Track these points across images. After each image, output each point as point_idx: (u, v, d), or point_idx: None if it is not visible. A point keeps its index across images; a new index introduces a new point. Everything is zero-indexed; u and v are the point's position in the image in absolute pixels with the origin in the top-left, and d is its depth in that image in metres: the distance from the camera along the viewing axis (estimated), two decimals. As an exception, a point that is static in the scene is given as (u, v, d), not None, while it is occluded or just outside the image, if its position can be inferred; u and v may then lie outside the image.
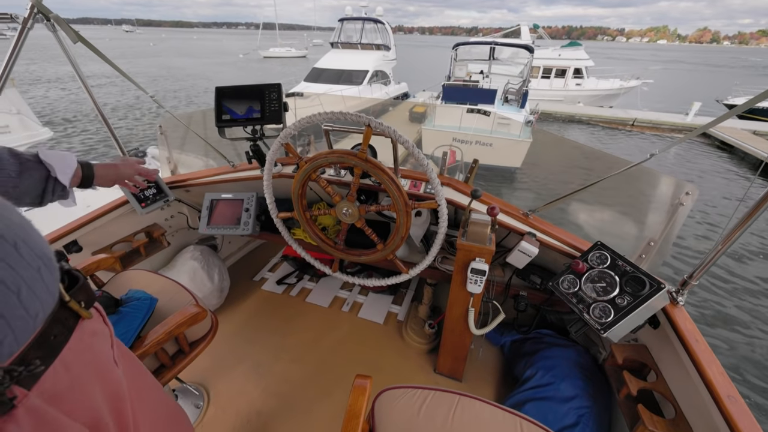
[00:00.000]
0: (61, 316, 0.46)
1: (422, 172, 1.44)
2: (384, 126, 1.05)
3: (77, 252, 1.45)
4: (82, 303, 0.50)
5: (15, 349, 0.38)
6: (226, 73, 26.19)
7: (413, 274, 1.34)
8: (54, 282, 0.45)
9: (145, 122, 11.64)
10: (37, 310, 0.41)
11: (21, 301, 0.39)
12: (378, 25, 14.34)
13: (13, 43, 1.11)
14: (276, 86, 1.39)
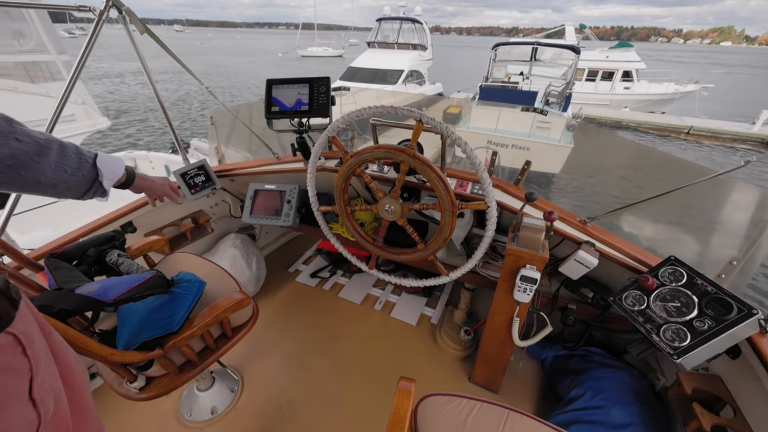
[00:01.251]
0: None
1: (468, 171, 1.39)
2: (436, 122, 1.01)
3: (132, 232, 1.52)
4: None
5: None
6: (266, 70, 27.06)
7: (453, 278, 1.29)
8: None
9: (190, 117, 12.27)
10: None
11: None
12: (416, 25, 14.28)
13: (90, 32, 1.21)
14: (324, 80, 1.39)
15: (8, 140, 0.65)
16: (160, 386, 0.95)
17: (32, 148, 0.68)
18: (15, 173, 0.66)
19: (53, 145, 0.71)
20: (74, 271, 0.94)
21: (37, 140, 0.69)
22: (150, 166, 4.90)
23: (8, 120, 0.67)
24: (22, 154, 0.66)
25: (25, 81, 3.93)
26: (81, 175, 0.77)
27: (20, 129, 0.68)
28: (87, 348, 0.70)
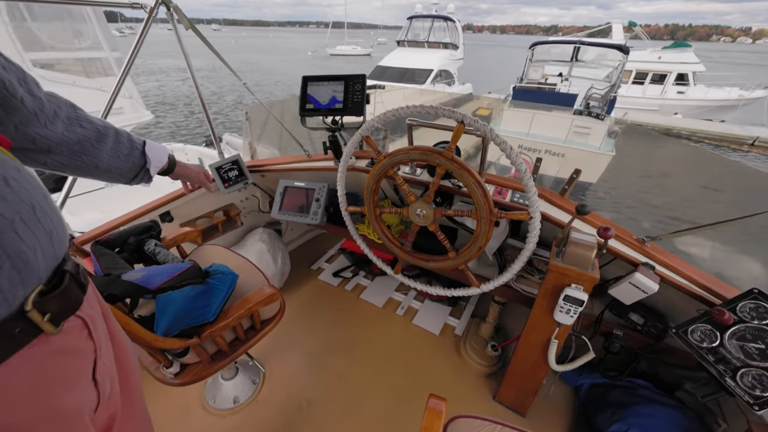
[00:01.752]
0: (11, 328, 0.36)
1: (506, 177, 1.31)
2: (479, 123, 0.95)
3: (169, 222, 1.56)
4: (49, 315, 0.40)
5: None
6: (295, 68, 27.62)
7: (485, 290, 1.22)
8: (19, 287, 0.37)
9: (222, 112, 12.72)
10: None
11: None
12: (447, 23, 14.03)
13: (141, 28, 1.27)
14: (360, 77, 1.35)
15: (74, 126, 0.68)
16: (193, 373, 0.98)
17: (93, 134, 0.71)
18: (78, 158, 0.70)
19: (110, 132, 0.75)
20: (117, 258, 0.99)
21: (97, 127, 0.72)
22: (185, 158, 5.10)
23: (73, 106, 0.70)
24: (85, 139, 0.70)
25: (82, 76, 4.19)
26: (132, 161, 0.80)
27: (83, 115, 0.71)
28: (134, 332, 0.73)
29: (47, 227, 0.41)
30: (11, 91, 0.53)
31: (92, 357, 0.47)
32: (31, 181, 0.42)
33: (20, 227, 0.37)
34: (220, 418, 1.34)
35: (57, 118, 0.64)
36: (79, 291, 0.47)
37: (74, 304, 0.45)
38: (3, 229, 0.35)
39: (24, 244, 0.37)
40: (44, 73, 3.82)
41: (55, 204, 0.45)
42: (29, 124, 0.59)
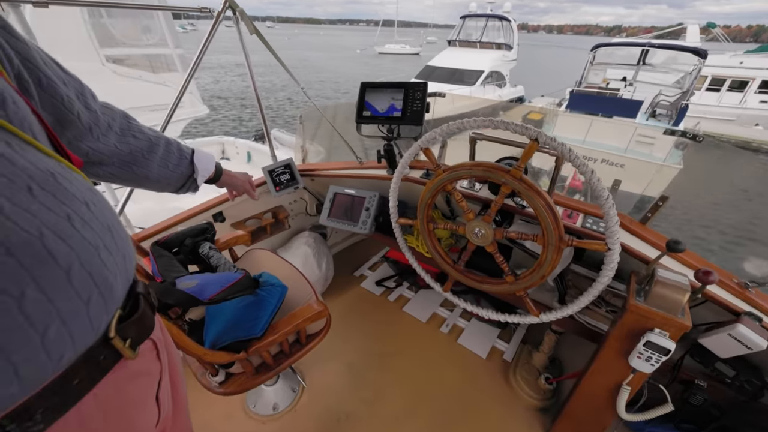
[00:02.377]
0: (96, 355, 0.36)
1: (575, 200, 1.20)
2: (557, 143, 0.86)
3: (221, 222, 1.61)
4: (129, 340, 0.40)
5: (17, 398, 0.29)
6: (343, 66, 28.13)
7: (544, 320, 1.12)
8: (105, 315, 0.36)
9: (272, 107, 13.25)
10: (64, 351, 0.32)
11: (44, 344, 0.29)
12: (502, 23, 13.53)
13: (208, 30, 1.31)
14: (421, 85, 1.29)
15: (126, 137, 0.67)
16: (237, 384, 0.98)
17: (145, 145, 0.71)
18: (129, 168, 0.70)
19: (161, 142, 0.75)
20: (173, 261, 1.01)
21: (149, 137, 0.72)
22: (235, 151, 5.34)
23: (127, 117, 0.70)
24: (137, 150, 0.69)
25: (148, 71, 4.50)
26: (180, 171, 0.80)
27: (136, 126, 0.71)
28: (185, 346, 0.73)
29: (122, 249, 0.41)
30: (68, 107, 0.53)
31: (158, 377, 0.48)
32: (104, 203, 0.41)
33: (104, 253, 0.36)
34: (260, 424, 1.35)
35: (110, 131, 0.64)
36: (152, 314, 0.47)
37: (149, 328, 0.46)
38: (91, 258, 0.34)
39: (107, 270, 0.36)
40: (115, 68, 4.10)
41: (122, 223, 0.45)
42: (83, 138, 0.58)
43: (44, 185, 0.32)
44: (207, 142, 5.35)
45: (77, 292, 0.32)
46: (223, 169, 0.97)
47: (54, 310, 0.30)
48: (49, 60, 0.51)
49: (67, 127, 0.54)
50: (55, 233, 0.31)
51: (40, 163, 0.33)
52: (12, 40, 0.43)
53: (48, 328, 0.29)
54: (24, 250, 0.28)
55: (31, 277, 0.28)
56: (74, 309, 0.32)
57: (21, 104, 0.35)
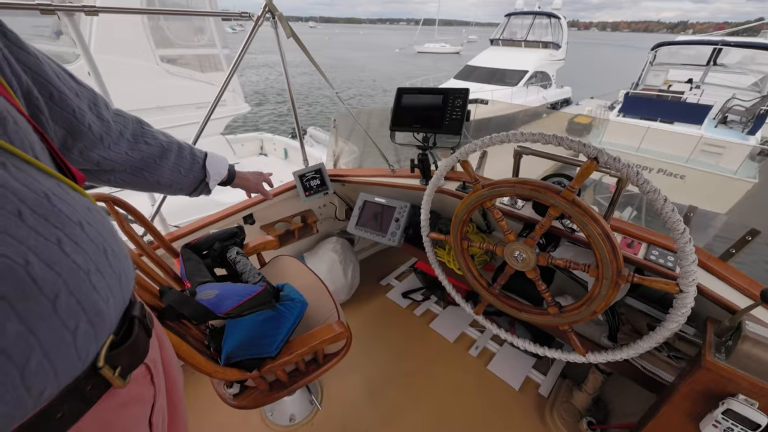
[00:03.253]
0: (82, 387, 0.34)
1: (642, 227, 1.04)
2: (622, 164, 0.73)
3: (251, 224, 1.61)
4: (120, 368, 0.38)
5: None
6: (381, 66, 28.20)
7: (592, 361, 0.98)
8: (94, 343, 0.34)
9: (307, 101, 13.53)
10: (46, 385, 0.29)
11: (24, 378, 0.27)
12: (551, 20, 12.84)
13: (248, 33, 1.32)
14: (462, 92, 1.19)
15: (139, 144, 0.67)
16: (250, 399, 0.95)
17: (157, 151, 0.71)
18: (140, 175, 0.70)
19: (173, 148, 0.74)
20: (200, 265, 1.01)
21: (161, 143, 0.72)
22: (273, 148, 5.49)
23: (140, 122, 0.70)
24: (148, 156, 0.69)
25: (197, 70, 4.73)
26: (192, 176, 0.80)
27: (149, 132, 0.70)
28: (197, 364, 0.71)
29: (117, 270, 0.38)
30: (79, 119, 0.53)
31: (151, 402, 0.46)
32: (102, 221, 0.39)
33: (95, 277, 0.34)
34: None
35: (122, 138, 0.64)
36: (146, 337, 0.45)
37: (143, 353, 0.44)
38: (80, 283, 0.32)
39: (98, 294, 0.34)
40: (168, 67, 4.33)
41: (122, 240, 0.42)
42: (94, 147, 0.58)
43: (36, 208, 0.30)
44: (248, 137, 5.56)
45: (63, 321, 0.30)
46: (237, 172, 0.96)
47: (36, 342, 0.28)
48: (62, 72, 0.51)
49: (78, 138, 0.55)
50: (41, 260, 0.29)
51: (35, 184, 0.32)
52: (22, 55, 0.43)
53: (28, 361, 0.27)
54: (6, 281, 0.26)
55: (12, 308, 0.26)
56: (59, 340, 0.30)
57: (22, 123, 0.34)
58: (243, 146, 5.39)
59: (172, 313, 0.73)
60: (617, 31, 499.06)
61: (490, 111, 7.76)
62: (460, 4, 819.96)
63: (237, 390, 0.96)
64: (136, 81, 3.93)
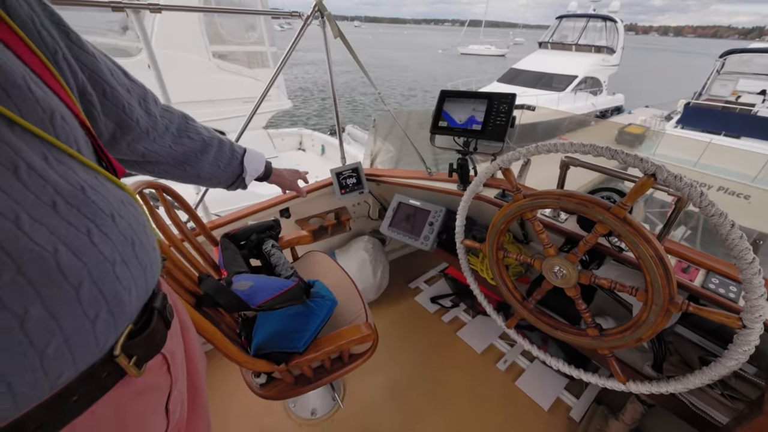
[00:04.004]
0: (98, 373, 0.35)
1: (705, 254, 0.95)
2: (683, 183, 0.67)
3: (287, 218, 1.65)
4: (135, 358, 0.39)
5: (11, 415, 0.28)
6: (423, 66, 28.04)
7: (633, 390, 0.91)
8: (112, 332, 0.35)
9: (345, 98, 13.77)
10: (64, 369, 0.31)
11: (43, 362, 0.29)
12: (606, 23, 12.16)
13: (297, 32, 1.36)
14: (509, 97, 1.16)
15: (182, 137, 0.71)
16: (276, 390, 0.97)
17: (199, 146, 0.74)
18: (182, 167, 0.73)
19: (214, 143, 0.77)
20: (237, 255, 1.06)
21: (203, 137, 0.75)
22: (311, 143, 5.64)
23: (186, 118, 0.73)
24: (190, 151, 0.73)
25: (245, 66, 4.95)
26: (230, 171, 0.83)
27: (193, 127, 0.73)
28: (229, 353, 0.73)
29: (143, 262, 0.40)
30: (128, 113, 0.56)
31: (167, 390, 0.47)
32: (135, 214, 0.41)
33: (119, 268, 0.36)
34: (297, 426, 1.34)
35: (167, 132, 0.67)
36: (164, 328, 0.46)
37: (159, 344, 0.45)
38: (104, 273, 0.34)
39: (120, 285, 0.36)
40: (219, 63, 4.59)
41: (151, 233, 0.44)
42: (140, 140, 0.62)
43: (70, 199, 0.32)
44: (288, 132, 5.76)
45: (84, 309, 0.32)
46: (273, 169, 0.99)
47: (57, 328, 0.29)
48: (116, 70, 0.54)
49: (127, 131, 0.58)
50: (70, 249, 0.31)
51: (73, 176, 0.34)
52: (81, 54, 0.47)
53: (48, 345, 0.29)
54: (35, 267, 0.28)
55: (37, 294, 0.28)
56: (79, 326, 0.31)
57: (69, 119, 0.37)
58: (283, 141, 5.58)
59: (209, 300, 0.77)
60: (680, 35, 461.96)
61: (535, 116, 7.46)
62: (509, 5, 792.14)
63: (264, 380, 0.99)
64: (190, 75, 4.19)
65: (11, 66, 0.31)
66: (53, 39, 0.41)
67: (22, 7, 0.38)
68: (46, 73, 0.37)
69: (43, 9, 0.42)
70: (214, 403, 1.42)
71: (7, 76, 0.30)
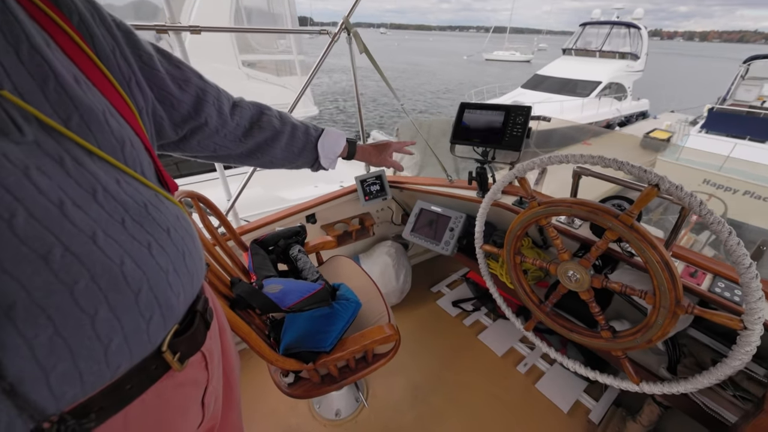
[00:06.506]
0: (148, 366, 0.40)
1: (707, 257, 1.00)
2: (684, 192, 0.73)
3: (312, 223, 1.75)
4: (179, 354, 0.43)
5: (79, 398, 0.33)
6: (446, 72, 28.15)
7: (646, 391, 0.96)
8: (162, 331, 0.40)
9: (366, 105, 14.03)
10: (122, 362, 0.36)
11: (107, 355, 0.33)
12: (630, 30, 11.94)
13: (325, 48, 1.45)
14: (525, 109, 1.24)
15: (253, 129, 0.73)
16: (303, 389, 1.02)
17: (269, 134, 0.75)
18: (254, 156, 0.76)
19: (286, 129, 0.78)
20: (266, 260, 1.13)
21: (274, 127, 0.76)
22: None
23: (260, 110, 0.75)
24: (261, 141, 0.75)
25: (273, 74, 5.15)
26: (306, 155, 0.84)
27: (267, 117, 0.75)
28: (259, 350, 0.79)
29: (191, 270, 0.45)
30: (197, 118, 0.61)
31: (204, 385, 0.51)
32: (187, 227, 0.46)
33: (172, 276, 0.40)
34: (321, 427, 1.39)
35: (238, 128, 0.70)
36: (205, 329, 0.50)
37: (199, 343, 0.49)
38: (159, 281, 0.38)
39: (171, 291, 0.40)
40: (248, 71, 4.76)
41: (200, 244, 0.49)
42: (210, 138, 0.66)
43: (136, 216, 0.37)
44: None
45: (141, 311, 0.36)
46: (358, 146, 0.97)
47: (119, 327, 0.34)
48: (188, 76, 0.59)
49: (196, 132, 0.63)
50: (134, 260, 0.35)
51: (138, 195, 0.39)
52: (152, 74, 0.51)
53: (111, 341, 0.34)
54: (105, 276, 0.33)
55: (105, 298, 0.33)
56: (136, 326, 0.36)
57: (137, 144, 0.42)
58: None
59: (242, 302, 0.83)
60: (706, 41, 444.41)
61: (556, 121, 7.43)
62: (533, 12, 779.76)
63: (292, 379, 1.03)
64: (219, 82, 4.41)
65: (95, 103, 0.36)
66: (129, 66, 0.46)
67: (107, 40, 0.43)
68: (122, 104, 0.42)
69: (124, 34, 0.46)
70: (243, 403, 1.45)
71: (90, 114, 0.35)
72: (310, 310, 0.92)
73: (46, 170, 0.30)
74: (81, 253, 0.31)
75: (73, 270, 0.31)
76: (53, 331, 0.29)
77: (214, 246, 1.03)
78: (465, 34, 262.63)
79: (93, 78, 0.38)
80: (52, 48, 0.34)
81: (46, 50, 0.33)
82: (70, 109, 0.33)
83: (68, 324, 0.30)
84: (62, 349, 0.30)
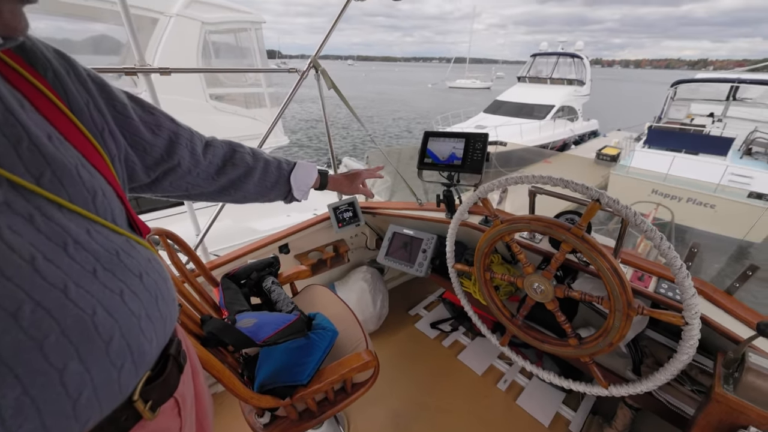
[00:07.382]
0: (118, 417, 0.38)
1: (650, 261, 1.10)
2: (620, 205, 0.82)
3: (286, 253, 1.74)
4: (150, 402, 0.42)
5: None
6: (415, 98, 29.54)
7: (614, 394, 1.01)
8: (134, 379, 0.39)
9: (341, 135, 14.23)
10: (91, 415, 0.34)
11: (76, 409, 0.32)
12: (574, 60, 13.24)
13: (293, 86, 1.52)
14: (482, 136, 1.34)
15: (226, 167, 0.73)
16: (280, 429, 0.97)
17: (242, 171, 0.75)
18: (227, 193, 0.76)
19: (258, 166, 0.78)
20: (238, 294, 1.10)
21: (247, 163, 0.76)
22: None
23: (232, 148, 0.75)
24: (234, 178, 0.75)
25: (242, 106, 5.16)
26: (279, 189, 0.84)
27: (239, 155, 0.75)
28: (233, 388, 0.76)
29: (164, 314, 0.44)
30: (168, 159, 0.61)
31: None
32: (159, 270, 0.45)
33: (144, 322, 0.39)
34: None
35: (211, 166, 0.69)
36: (178, 373, 0.49)
37: (172, 388, 0.48)
38: (131, 327, 0.37)
39: (144, 337, 0.39)
40: (216, 104, 4.71)
41: (172, 286, 0.49)
42: (182, 178, 0.65)
43: (107, 265, 0.37)
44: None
45: (112, 360, 0.35)
46: (330, 177, 0.99)
47: (89, 379, 0.33)
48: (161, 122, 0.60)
49: (168, 174, 0.63)
50: (105, 309, 0.35)
51: (109, 243, 0.38)
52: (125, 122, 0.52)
53: (81, 395, 0.32)
54: (76, 328, 0.32)
55: (76, 351, 0.32)
56: (107, 376, 0.35)
57: (108, 193, 0.41)
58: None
59: (214, 340, 0.80)
60: (639, 68, 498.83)
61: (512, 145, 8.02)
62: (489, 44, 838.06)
63: (267, 419, 0.98)
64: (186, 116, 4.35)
65: (68, 158, 0.36)
66: (102, 117, 0.46)
67: (81, 95, 0.43)
68: (94, 155, 0.41)
69: (98, 87, 0.46)
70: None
71: (63, 170, 0.35)
72: (286, 342, 0.90)
73: (16, 229, 0.30)
74: (52, 308, 0.31)
75: (44, 325, 0.30)
76: (21, 390, 0.28)
77: (183, 283, 1.01)
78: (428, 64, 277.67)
79: (66, 133, 0.39)
80: (26, 108, 0.35)
81: (20, 112, 0.33)
82: (42, 166, 0.34)
83: (36, 382, 0.29)
84: (29, 408, 0.29)
